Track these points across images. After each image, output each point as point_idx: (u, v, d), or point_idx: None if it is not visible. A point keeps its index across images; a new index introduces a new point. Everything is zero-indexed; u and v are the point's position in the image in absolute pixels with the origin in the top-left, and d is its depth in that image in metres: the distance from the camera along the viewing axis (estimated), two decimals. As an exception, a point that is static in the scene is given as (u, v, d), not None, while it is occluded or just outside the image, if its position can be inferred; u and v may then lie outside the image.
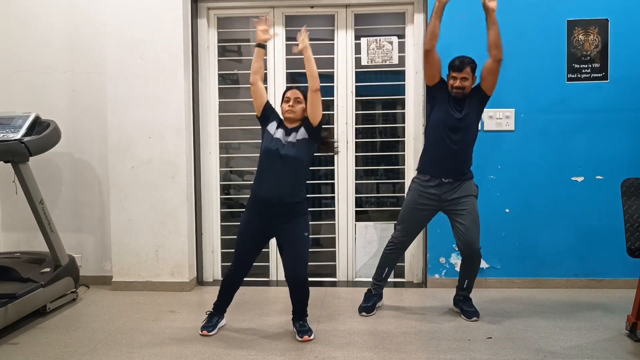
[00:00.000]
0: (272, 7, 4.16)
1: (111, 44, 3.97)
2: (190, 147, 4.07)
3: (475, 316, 3.35)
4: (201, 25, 4.18)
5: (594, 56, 3.89)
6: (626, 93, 3.88)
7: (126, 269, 4.06)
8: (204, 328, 3.16)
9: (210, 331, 3.14)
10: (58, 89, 4.18)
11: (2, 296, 3.12)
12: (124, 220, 4.03)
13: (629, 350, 2.87)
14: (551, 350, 2.88)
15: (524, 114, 3.92)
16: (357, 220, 4.26)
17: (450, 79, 3.28)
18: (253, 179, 3.15)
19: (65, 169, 4.23)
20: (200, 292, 4.06)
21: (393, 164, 4.41)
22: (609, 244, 3.86)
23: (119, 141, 4.00)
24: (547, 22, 3.88)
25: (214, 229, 4.30)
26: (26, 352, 2.93)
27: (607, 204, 3.84)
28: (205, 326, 3.17)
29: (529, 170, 3.94)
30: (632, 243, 2.88)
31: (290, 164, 2.99)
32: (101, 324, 3.36)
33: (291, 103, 3.04)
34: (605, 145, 3.90)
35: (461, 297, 3.47)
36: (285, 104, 3.07)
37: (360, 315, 3.44)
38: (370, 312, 3.45)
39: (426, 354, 2.86)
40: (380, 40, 4.14)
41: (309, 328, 3.12)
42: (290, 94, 3.07)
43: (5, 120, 3.53)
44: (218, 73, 4.26)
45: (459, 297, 3.49)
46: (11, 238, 4.29)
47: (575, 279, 3.98)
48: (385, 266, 3.50)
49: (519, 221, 3.94)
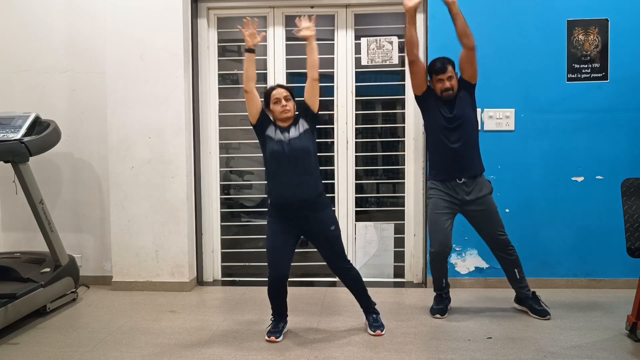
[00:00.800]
0: (272, 7, 4.16)
1: (111, 44, 3.97)
2: (190, 147, 4.07)
3: (548, 315, 3.31)
4: (201, 25, 4.18)
5: (594, 56, 3.89)
6: (626, 93, 3.87)
7: (126, 269, 4.06)
8: (271, 334, 3.06)
9: (278, 337, 3.06)
10: (58, 89, 4.18)
11: (2, 296, 3.12)
12: (124, 220, 4.03)
13: (629, 350, 2.87)
14: (551, 350, 2.88)
15: (524, 114, 3.92)
16: (357, 220, 4.26)
17: (437, 82, 3.29)
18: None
19: (65, 169, 4.23)
20: (200, 292, 4.06)
21: (393, 164, 4.41)
22: (609, 244, 3.86)
23: (119, 141, 4.00)
24: (547, 22, 3.88)
25: (214, 229, 4.30)
26: (26, 352, 2.93)
27: (607, 204, 3.84)
28: (272, 332, 3.08)
29: (529, 170, 3.94)
30: (632, 243, 2.88)
31: (301, 157, 2.96)
32: (101, 324, 3.36)
33: (283, 103, 3.00)
34: (605, 145, 3.90)
35: (524, 291, 3.41)
36: (277, 105, 3.01)
37: (434, 317, 3.40)
38: (444, 315, 3.43)
39: (426, 354, 2.86)
40: (380, 40, 4.14)
41: (382, 323, 3.13)
42: (278, 93, 3.02)
43: (5, 120, 3.53)
44: (218, 73, 4.26)
45: (521, 293, 3.44)
46: (11, 238, 4.29)
47: (575, 279, 3.98)
48: (440, 278, 3.46)
49: (519, 221, 3.93)
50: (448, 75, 3.25)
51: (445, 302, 3.49)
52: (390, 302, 3.69)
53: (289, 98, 3.03)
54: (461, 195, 3.29)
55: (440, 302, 3.48)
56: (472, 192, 3.29)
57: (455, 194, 3.30)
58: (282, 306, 3.14)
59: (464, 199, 3.29)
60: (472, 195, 3.28)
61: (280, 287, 3.06)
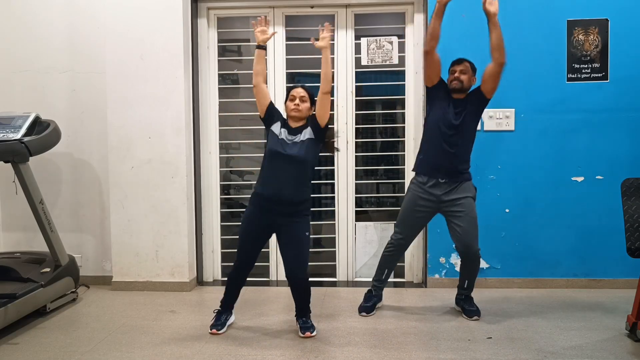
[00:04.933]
0: (272, 7, 4.16)
1: (111, 44, 3.97)
2: (190, 147, 4.07)
3: (476, 315, 3.35)
4: (201, 25, 4.18)
5: (594, 56, 3.89)
6: (626, 93, 3.88)
7: (126, 269, 4.06)
8: (213, 327, 3.15)
9: (220, 329, 3.13)
10: (58, 89, 4.18)
11: (2, 296, 3.12)
12: (124, 220, 4.03)
13: (629, 350, 2.87)
14: (551, 350, 2.88)
15: (524, 114, 3.92)
16: (357, 220, 4.26)
17: (450, 73, 3.30)
18: (256, 179, 3.15)
19: (65, 169, 4.23)
20: (200, 292, 4.06)
21: (393, 164, 4.41)
22: (609, 244, 3.87)
23: (119, 141, 4.00)
24: (547, 22, 3.88)
25: (214, 229, 4.30)
26: (26, 352, 2.93)
27: (607, 204, 3.84)
28: (214, 325, 3.16)
29: (529, 170, 3.94)
30: (632, 243, 2.88)
31: (296, 163, 2.99)
32: (101, 324, 3.36)
33: (297, 102, 3.03)
34: (605, 145, 3.90)
35: (462, 295, 3.47)
36: (291, 103, 3.06)
37: (360, 315, 3.44)
38: (370, 312, 3.45)
39: (426, 354, 2.86)
40: (380, 40, 4.14)
41: (312, 325, 3.13)
42: (296, 92, 3.06)
43: (5, 120, 3.52)
44: (218, 73, 4.26)
45: (460, 296, 3.50)
46: (11, 238, 4.29)
47: (575, 279, 3.98)
48: (384, 267, 3.50)
49: (518, 221, 3.94)
50: (462, 68, 3.27)
51: (374, 300, 3.50)
52: (390, 302, 3.69)
53: (306, 99, 3.05)
54: (439, 192, 3.27)
55: (369, 299, 3.51)
56: (452, 192, 3.27)
57: (433, 190, 3.28)
58: (234, 297, 3.23)
59: (440, 198, 3.28)
60: (449, 195, 3.27)
61: (243, 275, 3.15)
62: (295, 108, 3.03)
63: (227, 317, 3.23)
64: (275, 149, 3.00)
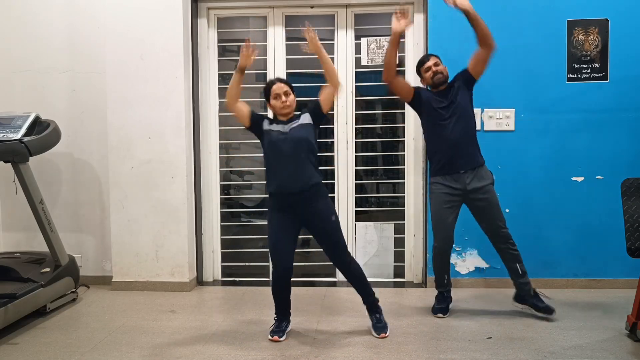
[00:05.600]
0: (272, 7, 4.16)
1: (111, 44, 3.97)
2: (190, 147, 4.07)
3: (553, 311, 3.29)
4: (201, 25, 4.18)
5: (594, 56, 3.89)
6: (626, 93, 3.87)
7: (126, 269, 4.06)
8: (274, 333, 3.06)
9: (281, 336, 3.05)
10: (58, 89, 4.18)
11: (2, 296, 3.12)
12: (124, 220, 4.03)
13: (629, 350, 2.87)
14: (551, 350, 2.88)
15: (524, 114, 3.92)
16: (357, 220, 4.26)
17: (425, 72, 3.33)
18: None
19: (65, 169, 4.23)
20: (200, 292, 4.06)
21: (393, 164, 4.41)
22: (609, 244, 3.87)
23: (119, 141, 4.00)
24: (547, 22, 3.88)
25: (214, 229, 4.30)
26: (26, 352, 2.93)
27: (607, 204, 3.84)
28: (274, 331, 3.08)
29: (529, 170, 3.94)
30: (632, 243, 2.88)
31: (299, 146, 2.94)
32: (101, 324, 3.36)
33: (283, 98, 2.99)
34: (605, 145, 3.90)
35: (526, 288, 3.37)
36: (277, 101, 3.00)
37: (436, 316, 3.40)
38: (446, 314, 3.43)
39: (426, 354, 2.86)
40: (380, 40, 4.14)
41: (385, 324, 3.11)
42: (278, 89, 3.00)
43: (5, 120, 3.53)
44: (218, 73, 4.26)
45: (522, 290, 3.40)
46: (11, 238, 4.29)
47: (575, 279, 3.98)
48: (442, 274, 3.46)
49: (519, 221, 3.92)
50: (434, 61, 3.31)
51: (447, 301, 3.49)
52: (390, 302, 3.69)
53: (289, 92, 3.02)
54: (462, 185, 3.28)
55: (442, 301, 3.48)
56: (473, 181, 3.28)
57: (456, 184, 3.29)
58: (286, 304, 3.13)
59: (465, 188, 3.28)
60: (472, 184, 3.28)
61: (285, 280, 3.04)
62: (284, 105, 2.99)
63: (287, 324, 3.15)
64: (275, 141, 2.96)
